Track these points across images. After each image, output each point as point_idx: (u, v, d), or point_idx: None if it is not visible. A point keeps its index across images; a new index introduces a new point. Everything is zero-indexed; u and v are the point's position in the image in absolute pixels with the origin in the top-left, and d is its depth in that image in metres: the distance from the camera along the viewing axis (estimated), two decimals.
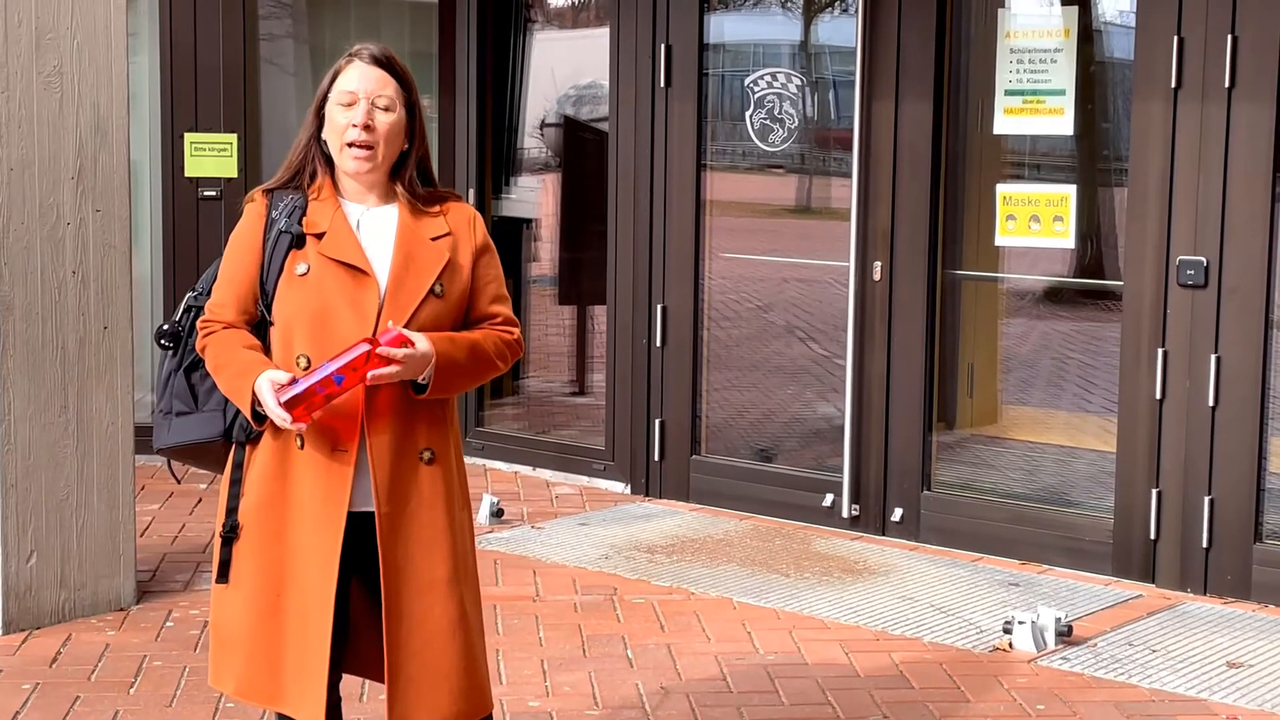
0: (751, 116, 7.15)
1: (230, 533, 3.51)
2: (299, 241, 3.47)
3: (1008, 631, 5.37)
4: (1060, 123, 6.32)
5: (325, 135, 3.52)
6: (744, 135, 7.20)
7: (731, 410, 7.52)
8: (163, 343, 3.66)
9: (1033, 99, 6.34)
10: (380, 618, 3.47)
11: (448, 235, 3.54)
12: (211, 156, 7.76)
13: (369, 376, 3.33)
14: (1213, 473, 5.96)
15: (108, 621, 5.52)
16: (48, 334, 5.39)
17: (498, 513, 6.93)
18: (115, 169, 5.56)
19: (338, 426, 3.42)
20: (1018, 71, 6.36)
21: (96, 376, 5.53)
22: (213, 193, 7.76)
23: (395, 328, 3.37)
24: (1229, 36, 5.80)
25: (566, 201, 8.30)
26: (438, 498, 3.50)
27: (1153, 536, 6.10)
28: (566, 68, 8.18)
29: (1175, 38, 5.91)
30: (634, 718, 4.75)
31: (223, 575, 3.53)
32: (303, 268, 3.45)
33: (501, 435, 8.04)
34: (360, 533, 3.47)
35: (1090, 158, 6.74)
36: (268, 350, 3.49)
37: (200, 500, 7.03)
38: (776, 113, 7.10)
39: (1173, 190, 5.99)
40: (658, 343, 7.35)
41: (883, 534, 6.74)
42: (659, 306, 7.33)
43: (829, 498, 6.88)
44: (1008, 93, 6.40)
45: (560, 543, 6.59)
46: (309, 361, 3.42)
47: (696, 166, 7.20)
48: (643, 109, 7.30)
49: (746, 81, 7.17)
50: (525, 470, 7.85)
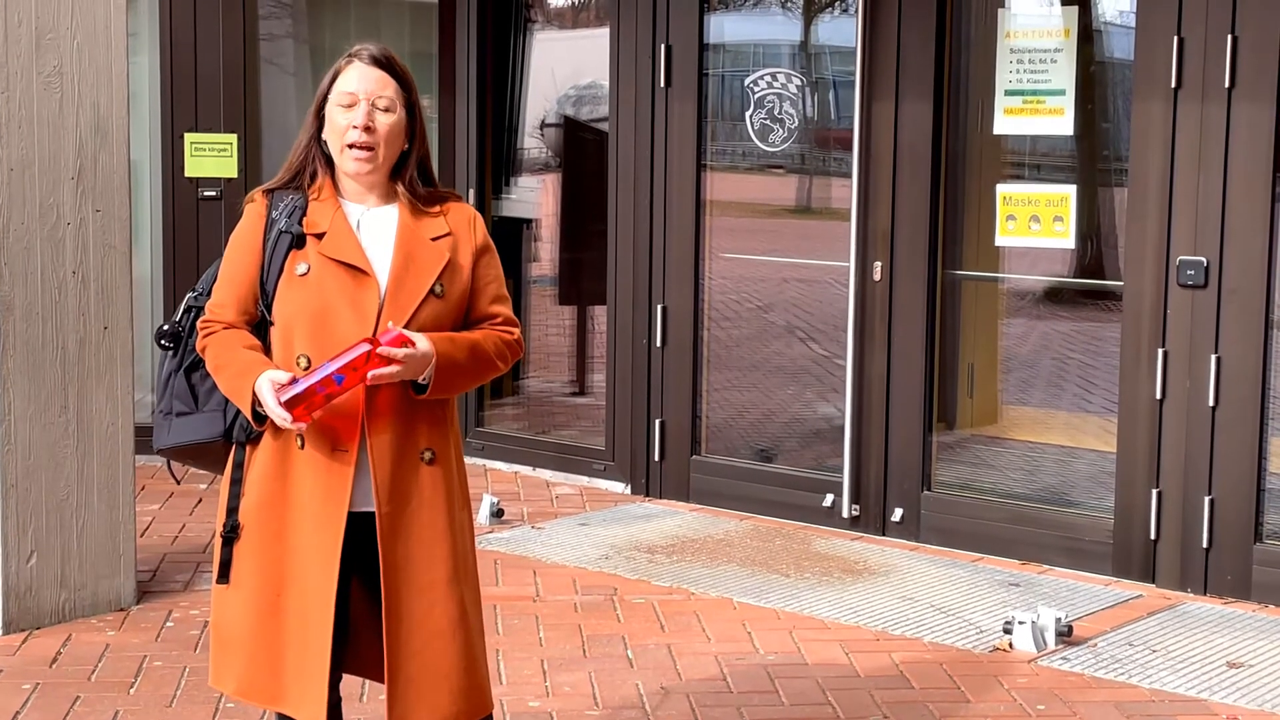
0: (751, 116, 7.14)
1: (231, 533, 3.51)
2: (299, 241, 3.47)
3: (1008, 632, 5.37)
4: (1060, 123, 6.31)
5: (325, 136, 3.52)
6: (744, 135, 7.20)
7: (732, 410, 7.52)
8: (163, 343, 3.66)
9: (1033, 99, 6.34)
10: (380, 618, 3.47)
11: (448, 235, 3.54)
12: (211, 157, 7.76)
13: (369, 376, 3.33)
14: (1213, 473, 5.96)
15: (108, 622, 5.52)
16: (48, 334, 5.39)
17: (498, 513, 6.92)
18: (115, 169, 5.56)
19: (338, 426, 3.42)
20: (1018, 72, 6.36)
21: (97, 377, 5.53)
22: (213, 193, 7.76)
23: (395, 328, 3.37)
24: (1229, 36, 5.80)
25: (566, 202, 8.30)
26: (438, 498, 3.50)
27: (1153, 537, 6.10)
28: (566, 68, 8.18)
29: (1175, 38, 5.91)
30: (634, 718, 4.75)
31: (223, 575, 3.53)
32: (303, 268, 3.45)
33: (502, 435, 8.04)
34: (360, 533, 3.47)
35: (1090, 158, 6.74)
36: (268, 350, 3.49)
37: (200, 500, 7.03)
38: (776, 113, 7.09)
39: (1173, 190, 5.99)
40: (658, 343, 7.35)
41: (883, 534, 6.74)
42: (659, 307, 7.33)
43: (829, 498, 6.88)
44: (1008, 93, 6.40)
45: (560, 543, 6.59)
46: (309, 361, 3.42)
47: (696, 167, 7.20)
48: (643, 109, 7.30)
49: (746, 81, 7.17)
50: (525, 470, 7.85)
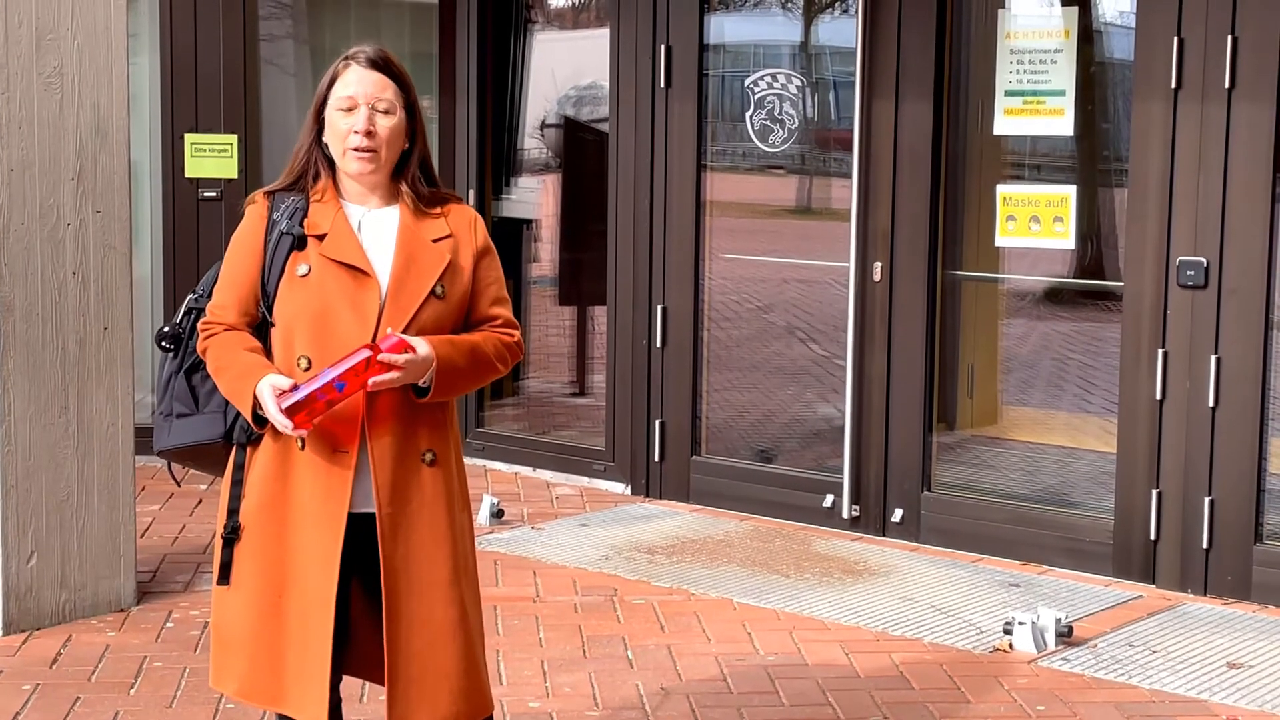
0: (751, 117, 7.14)
1: (231, 534, 3.51)
2: (300, 243, 3.47)
3: (1008, 632, 5.37)
4: (1060, 123, 6.31)
5: (326, 139, 3.52)
6: (744, 136, 7.20)
7: (732, 411, 7.52)
8: (163, 345, 3.66)
9: (1033, 99, 6.34)
10: (380, 619, 3.47)
11: (449, 237, 3.54)
12: (212, 157, 7.76)
13: (370, 383, 3.33)
14: (1213, 473, 5.96)
15: (108, 622, 5.52)
16: (48, 335, 5.39)
17: (498, 513, 6.92)
18: (115, 170, 5.56)
19: (338, 428, 3.42)
20: (1018, 72, 6.36)
21: (97, 377, 5.53)
22: (213, 193, 7.76)
23: (395, 334, 3.37)
24: (1229, 37, 5.80)
25: (567, 202, 8.30)
26: (439, 499, 3.51)
27: (1153, 537, 6.10)
28: (567, 68, 8.18)
29: (1175, 38, 5.91)
30: (634, 718, 4.75)
31: (224, 577, 3.53)
32: (304, 269, 3.45)
33: (502, 436, 8.04)
34: (361, 534, 3.47)
35: (1090, 158, 6.74)
36: (269, 351, 3.49)
37: (200, 501, 7.03)
38: (777, 113, 7.09)
39: (1173, 191, 5.99)
40: (658, 343, 7.35)
41: (883, 535, 6.74)
42: (659, 307, 7.33)
43: (829, 498, 6.88)
44: (1008, 93, 6.40)
45: (560, 543, 6.59)
46: (310, 363, 3.42)
47: (696, 167, 7.20)
48: (643, 109, 7.30)
49: (746, 82, 7.17)
50: (525, 471, 7.85)
